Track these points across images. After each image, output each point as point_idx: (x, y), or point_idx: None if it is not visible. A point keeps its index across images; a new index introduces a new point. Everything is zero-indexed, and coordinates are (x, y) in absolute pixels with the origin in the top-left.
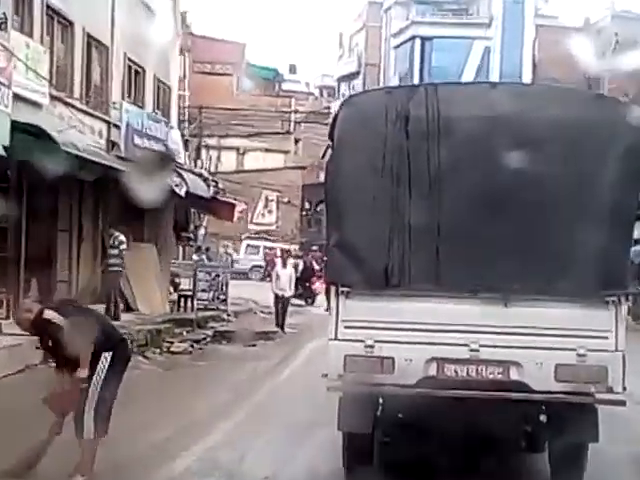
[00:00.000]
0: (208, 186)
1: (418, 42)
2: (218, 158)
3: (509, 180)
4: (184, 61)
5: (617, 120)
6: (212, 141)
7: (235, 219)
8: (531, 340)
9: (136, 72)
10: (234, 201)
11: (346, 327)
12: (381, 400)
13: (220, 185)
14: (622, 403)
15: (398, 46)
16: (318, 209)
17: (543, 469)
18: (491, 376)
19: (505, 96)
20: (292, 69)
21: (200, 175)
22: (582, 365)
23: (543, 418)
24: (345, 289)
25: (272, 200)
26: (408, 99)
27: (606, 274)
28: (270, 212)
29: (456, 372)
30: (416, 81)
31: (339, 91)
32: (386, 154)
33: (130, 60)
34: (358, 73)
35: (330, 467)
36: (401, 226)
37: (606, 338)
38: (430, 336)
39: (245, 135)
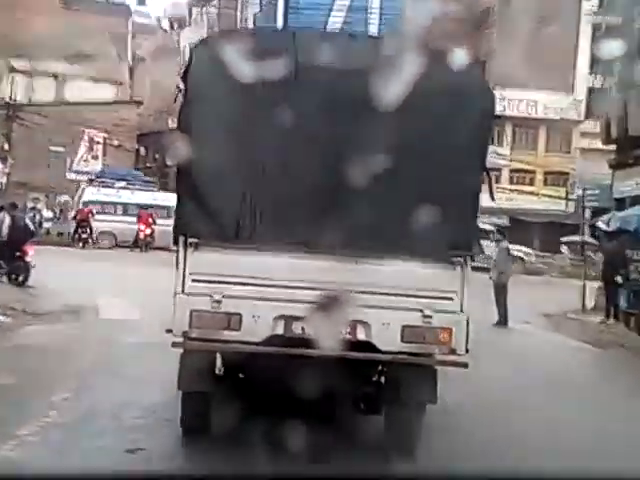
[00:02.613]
0: None
1: None
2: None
3: (362, 137)
4: None
5: (468, 83)
6: (21, 63)
7: None
8: (379, 299)
9: None
10: None
11: (193, 280)
12: (221, 359)
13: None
14: (464, 365)
15: None
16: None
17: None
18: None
19: (363, 48)
20: (140, 1)
21: None
22: (427, 326)
23: (382, 379)
24: (194, 240)
25: (98, 142)
26: (266, 44)
27: (453, 235)
28: (95, 158)
29: (304, 330)
30: (280, 6)
31: (190, 18)
32: (241, 102)
33: None
34: None
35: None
36: (255, 178)
37: (451, 299)
38: (279, 292)
39: (66, 58)
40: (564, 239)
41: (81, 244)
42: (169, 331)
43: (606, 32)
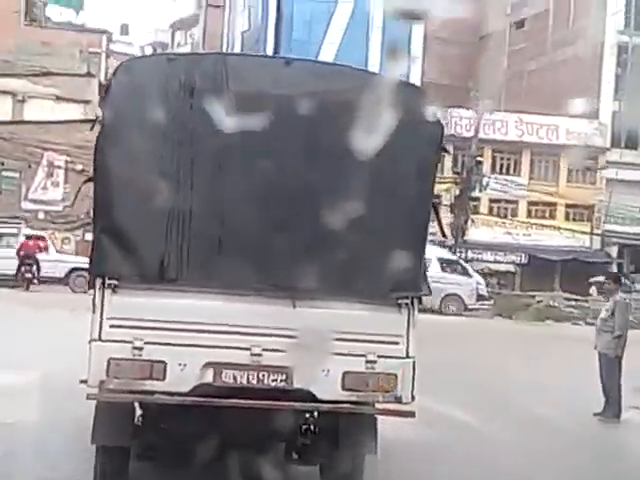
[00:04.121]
0: None
1: None
2: None
3: (300, 170)
4: None
5: (414, 110)
6: None
7: None
8: (318, 344)
9: None
10: None
11: (111, 326)
12: (140, 410)
13: None
14: (411, 414)
15: None
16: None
17: None
18: (273, 383)
19: (299, 75)
20: (124, 29)
21: None
22: (371, 373)
23: (318, 429)
24: (112, 282)
25: (59, 167)
26: (194, 69)
27: (398, 275)
28: (55, 184)
29: (235, 379)
30: (271, 28)
31: (173, 42)
32: (166, 131)
33: None
34: (197, 16)
35: None
36: (181, 213)
37: (397, 344)
38: (208, 338)
39: (27, 75)
40: (593, 279)
41: (25, 285)
42: (84, 381)
43: (633, 52)
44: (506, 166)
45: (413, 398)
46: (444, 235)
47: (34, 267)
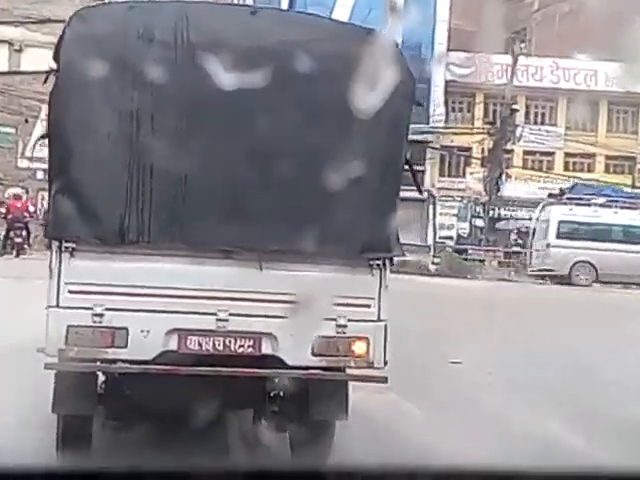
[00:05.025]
0: None
1: None
2: None
3: (266, 127)
4: None
5: (386, 62)
6: None
7: None
8: (287, 309)
9: None
10: None
11: (70, 292)
12: (103, 377)
13: None
14: (383, 380)
15: None
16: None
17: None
18: (240, 349)
19: (265, 24)
20: None
21: None
22: (341, 337)
23: (287, 395)
24: (70, 245)
25: None
26: (153, 19)
27: (370, 236)
28: None
29: (200, 345)
30: None
31: None
32: (125, 84)
33: None
34: None
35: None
36: (142, 172)
37: (368, 306)
38: (172, 303)
39: (24, 22)
40: None
41: (15, 252)
42: (41, 350)
43: None
44: (541, 115)
45: (386, 363)
46: (420, 192)
47: (24, 231)
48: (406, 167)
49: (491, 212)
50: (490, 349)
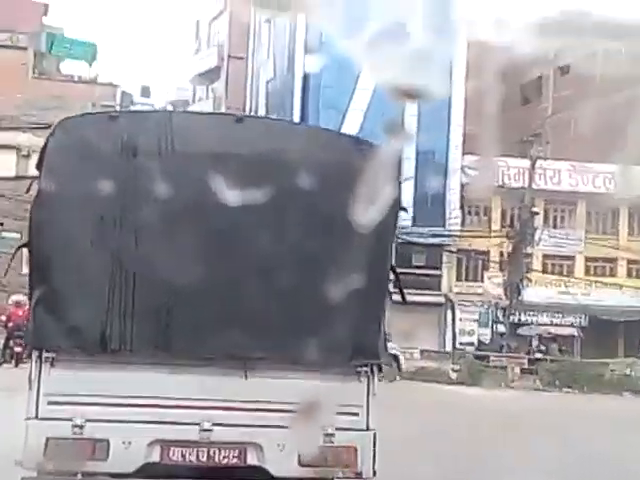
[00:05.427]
0: None
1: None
2: None
3: (251, 235)
4: None
5: (371, 169)
6: None
7: None
8: (273, 417)
9: None
10: None
11: (50, 403)
12: None
13: None
14: None
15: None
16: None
17: None
18: (225, 461)
19: (249, 133)
20: (145, 92)
21: None
22: (329, 447)
23: None
24: (50, 355)
25: None
26: (137, 128)
27: (357, 342)
28: None
29: (184, 456)
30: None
31: (195, 97)
32: (107, 194)
33: None
34: (219, 69)
35: None
36: (124, 281)
37: (356, 415)
38: (154, 413)
39: (32, 128)
40: None
41: (14, 361)
42: (19, 463)
43: None
44: (560, 218)
45: (374, 473)
46: (404, 300)
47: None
48: (391, 274)
49: (512, 317)
50: None
